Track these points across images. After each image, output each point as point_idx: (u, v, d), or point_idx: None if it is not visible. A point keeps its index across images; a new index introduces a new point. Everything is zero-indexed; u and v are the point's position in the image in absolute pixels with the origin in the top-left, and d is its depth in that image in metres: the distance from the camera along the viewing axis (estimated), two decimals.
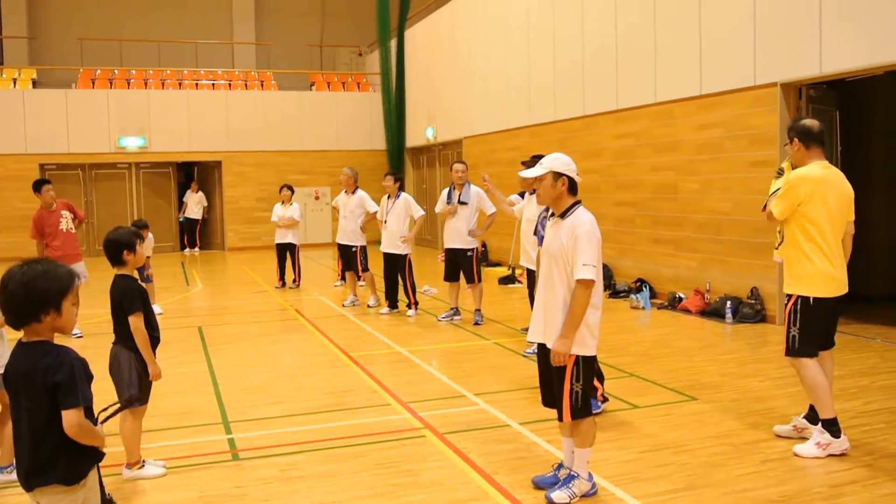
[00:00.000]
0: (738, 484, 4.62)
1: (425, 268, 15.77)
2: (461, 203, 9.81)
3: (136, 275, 4.83)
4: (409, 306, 10.67)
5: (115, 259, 4.66)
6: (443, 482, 4.73)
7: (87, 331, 9.55)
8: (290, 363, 8.07)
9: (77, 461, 2.88)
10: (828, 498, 4.43)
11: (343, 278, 14.05)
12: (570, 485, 4.40)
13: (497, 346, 8.61)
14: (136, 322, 4.62)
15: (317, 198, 21.87)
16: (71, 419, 2.78)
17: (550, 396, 4.56)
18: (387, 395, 6.66)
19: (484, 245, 16.25)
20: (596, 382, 5.94)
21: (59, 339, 2.93)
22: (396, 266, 10.60)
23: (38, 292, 2.80)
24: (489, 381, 7.09)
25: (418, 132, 20.98)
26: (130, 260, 4.67)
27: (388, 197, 10.67)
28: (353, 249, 11.33)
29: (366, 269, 11.37)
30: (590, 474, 4.48)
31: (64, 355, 2.83)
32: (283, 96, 22.24)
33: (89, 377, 2.89)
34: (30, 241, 20.51)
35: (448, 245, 9.96)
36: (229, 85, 22.65)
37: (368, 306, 11.27)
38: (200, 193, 21.40)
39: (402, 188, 10.81)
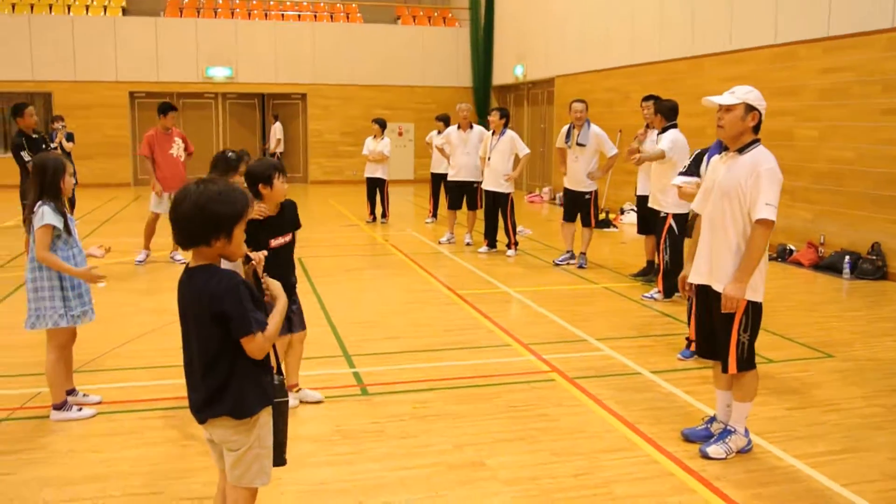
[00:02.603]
0: None
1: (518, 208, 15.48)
2: (579, 144, 9.42)
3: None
4: (508, 246, 10.46)
5: (251, 191, 4.47)
6: (584, 429, 4.57)
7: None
8: (398, 298, 7.98)
9: (245, 395, 2.72)
10: None
11: (434, 215, 13.93)
12: (727, 440, 4.18)
13: (607, 291, 8.36)
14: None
15: (400, 134, 21.63)
16: (251, 347, 2.65)
17: (709, 346, 4.30)
18: (505, 336, 6.51)
19: None
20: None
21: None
22: (498, 204, 10.38)
23: (211, 215, 2.62)
24: (608, 327, 6.87)
25: (506, 70, 20.49)
26: (266, 193, 4.46)
27: (493, 133, 10.38)
28: (475, 185, 11.13)
29: (481, 206, 11.12)
30: (746, 430, 4.25)
31: (228, 280, 2.64)
32: (368, 29, 21.92)
33: (257, 300, 2.72)
34: (123, 167, 20.83)
35: (567, 186, 9.65)
36: (315, 16, 22.41)
37: (467, 244, 11.09)
38: (278, 124, 21.08)
39: (506, 125, 10.46)
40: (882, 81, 9.05)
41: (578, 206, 9.55)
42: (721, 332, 4.13)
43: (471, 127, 11.19)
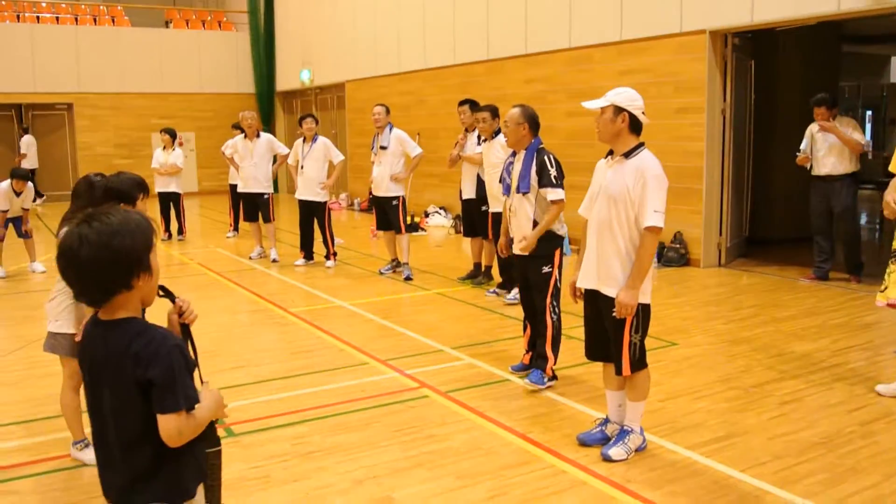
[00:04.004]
0: (774, 429, 4.57)
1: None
2: (382, 148, 9.25)
3: None
4: (327, 257, 10.08)
5: None
6: (479, 446, 4.38)
7: None
8: (229, 322, 7.38)
9: (181, 474, 2.21)
10: (865, 436, 4.46)
11: (236, 229, 13.22)
12: (626, 440, 4.17)
13: (442, 297, 8.26)
14: None
15: (181, 144, 20.31)
16: (169, 427, 2.09)
17: (599, 348, 4.29)
18: (359, 354, 6.18)
19: None
20: (549, 352, 5.29)
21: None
22: (314, 214, 9.97)
23: (123, 250, 2.07)
24: (459, 334, 6.73)
25: (291, 75, 19.94)
26: None
27: (304, 140, 9.94)
28: (265, 197, 10.58)
29: (274, 219, 10.69)
30: (641, 428, 4.28)
31: (161, 341, 2.11)
32: (139, 34, 20.46)
33: (190, 367, 2.20)
34: None
35: (375, 193, 9.41)
36: (76, 19, 20.56)
37: (273, 260, 10.47)
38: (27, 137, 18.84)
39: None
40: (674, 83, 9.68)
41: (387, 213, 9.33)
42: (613, 336, 4.12)
43: (258, 135, 10.67)
